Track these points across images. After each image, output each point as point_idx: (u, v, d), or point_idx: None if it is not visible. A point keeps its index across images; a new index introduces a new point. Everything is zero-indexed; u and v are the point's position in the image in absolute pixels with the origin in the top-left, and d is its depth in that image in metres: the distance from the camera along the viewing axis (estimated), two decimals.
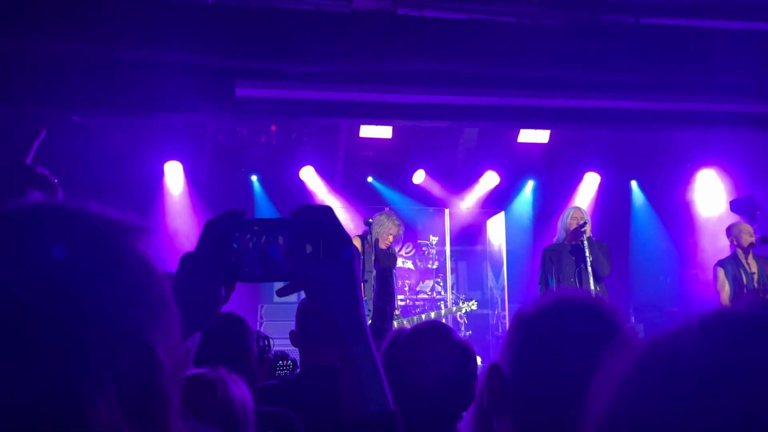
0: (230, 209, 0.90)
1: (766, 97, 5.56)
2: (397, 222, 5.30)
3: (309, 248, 0.85)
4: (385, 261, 3.20)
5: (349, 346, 0.83)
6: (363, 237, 5.02)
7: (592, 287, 5.12)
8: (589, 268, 5.14)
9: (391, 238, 5.11)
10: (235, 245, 0.86)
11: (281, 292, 0.91)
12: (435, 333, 1.76)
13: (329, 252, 0.85)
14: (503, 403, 1.00)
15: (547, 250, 5.55)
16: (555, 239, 5.62)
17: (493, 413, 1.01)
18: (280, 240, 0.86)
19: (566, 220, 5.46)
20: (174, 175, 7.86)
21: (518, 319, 1.03)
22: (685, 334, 0.49)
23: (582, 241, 5.24)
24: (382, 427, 0.80)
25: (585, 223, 5.30)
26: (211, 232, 0.88)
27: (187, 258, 0.88)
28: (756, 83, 5.38)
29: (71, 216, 0.58)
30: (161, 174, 7.81)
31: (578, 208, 5.62)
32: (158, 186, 7.79)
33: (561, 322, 0.99)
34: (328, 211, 0.87)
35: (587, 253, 5.17)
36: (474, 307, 5.52)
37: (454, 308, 5.51)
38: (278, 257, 0.86)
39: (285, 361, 3.27)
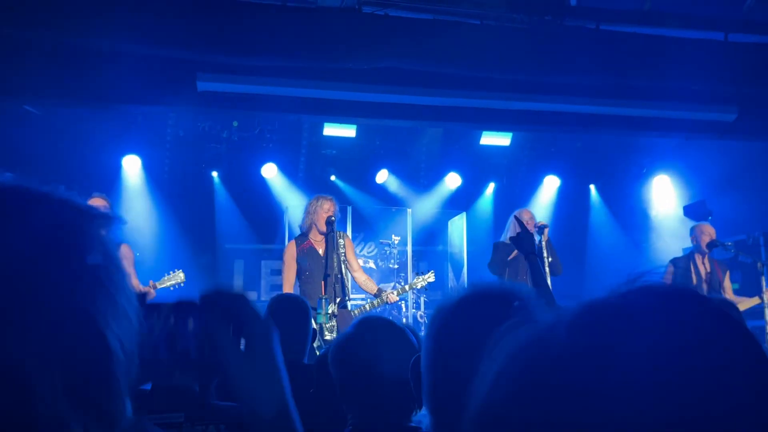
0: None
1: (718, 105, 5.75)
2: (326, 197, 5.18)
3: (228, 339, 0.83)
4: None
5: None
6: (327, 235, 4.98)
7: (548, 280, 5.19)
8: (546, 268, 5.24)
9: (325, 215, 4.98)
10: (169, 331, 0.84)
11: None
12: (385, 328, 1.75)
13: (248, 338, 0.83)
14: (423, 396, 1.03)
15: (501, 245, 5.62)
16: (503, 238, 5.70)
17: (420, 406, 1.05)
18: (202, 327, 0.84)
19: (516, 222, 5.57)
20: (132, 169, 7.68)
21: (431, 316, 1.06)
22: (558, 324, 0.48)
23: (540, 243, 5.33)
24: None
25: (546, 226, 5.38)
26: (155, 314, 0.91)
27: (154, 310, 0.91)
28: (710, 91, 5.55)
29: (36, 199, 0.58)
30: (119, 168, 7.63)
31: (527, 210, 5.73)
32: (116, 180, 7.60)
33: (461, 314, 1.01)
34: (241, 299, 0.85)
35: (545, 254, 5.26)
36: (431, 279, 5.49)
37: (407, 286, 5.50)
38: (206, 345, 0.84)
39: None
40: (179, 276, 5.43)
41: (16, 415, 0.49)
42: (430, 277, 5.36)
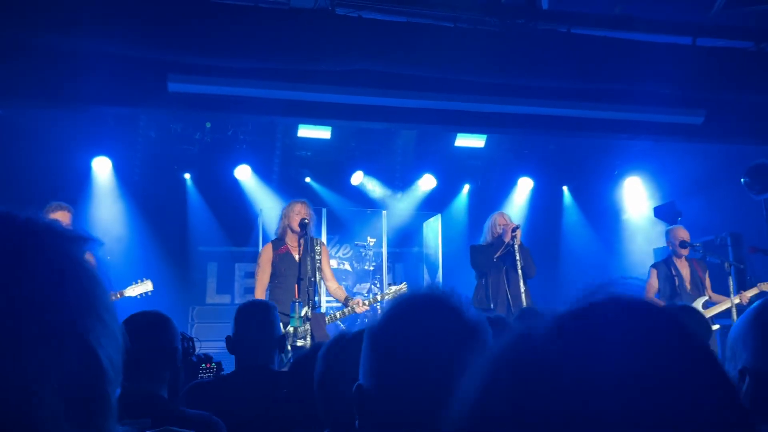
0: None
1: (687, 108, 5.85)
2: (298, 200, 5.19)
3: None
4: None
5: None
6: (300, 238, 4.95)
7: (522, 288, 5.27)
8: (519, 271, 5.29)
9: (297, 218, 4.98)
10: None
11: None
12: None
13: None
14: (369, 419, 1.00)
15: (475, 249, 5.67)
16: (482, 240, 5.76)
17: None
18: None
19: (493, 225, 5.64)
20: (103, 171, 7.56)
21: (366, 333, 1.03)
22: (538, 334, 0.50)
23: (513, 246, 5.37)
24: None
25: (517, 227, 5.45)
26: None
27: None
28: (678, 95, 5.65)
29: (20, 226, 0.60)
30: (89, 169, 7.50)
31: (503, 213, 5.79)
32: (86, 182, 7.47)
33: (402, 326, 0.98)
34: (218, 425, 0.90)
35: (518, 257, 5.31)
36: (405, 289, 5.51)
37: (380, 295, 5.49)
38: None
39: (209, 364, 3.20)
40: (147, 285, 5.30)
41: None
42: (403, 287, 5.35)
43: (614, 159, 8.41)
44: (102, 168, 7.53)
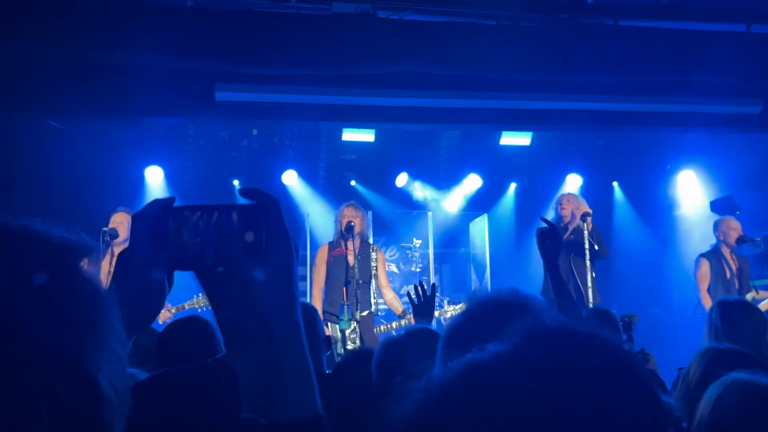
0: (157, 198, 0.85)
1: (742, 99, 5.63)
2: (346, 204, 5.26)
3: (250, 236, 0.81)
4: None
5: (282, 347, 0.79)
6: (346, 240, 4.99)
7: (590, 281, 5.01)
8: (588, 262, 5.01)
9: (345, 221, 5.06)
10: (177, 232, 0.81)
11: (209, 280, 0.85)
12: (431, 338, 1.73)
13: (271, 245, 0.81)
14: None
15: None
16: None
17: None
18: (224, 227, 0.81)
19: (558, 206, 5.46)
20: (155, 180, 7.77)
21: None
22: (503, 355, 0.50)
23: (582, 231, 5.10)
24: (311, 431, 0.78)
25: (588, 214, 5.17)
26: (143, 224, 0.83)
27: (125, 254, 0.83)
28: (733, 85, 5.44)
29: (12, 236, 0.55)
30: (142, 179, 7.73)
31: (570, 194, 5.58)
32: (139, 191, 7.70)
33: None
34: (276, 203, 0.84)
35: (587, 243, 5.02)
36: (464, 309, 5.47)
37: (438, 312, 5.46)
38: (224, 245, 0.80)
39: None
40: (202, 301, 5.31)
41: None
42: (462, 308, 5.30)
43: (667, 152, 8.15)
44: (154, 177, 7.75)
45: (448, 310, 5.36)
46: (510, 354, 0.49)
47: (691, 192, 8.29)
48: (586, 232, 5.04)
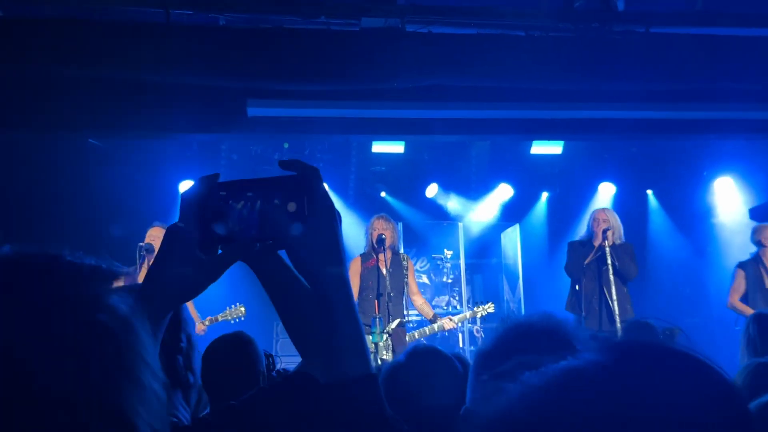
0: (203, 176, 0.88)
1: None
2: (377, 217, 5.29)
3: (293, 206, 0.83)
4: None
5: (332, 309, 0.81)
6: (377, 253, 5.01)
7: (613, 292, 4.98)
8: (611, 276, 5.00)
9: (376, 234, 5.09)
10: (226, 208, 0.83)
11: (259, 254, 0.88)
12: (432, 357, 1.74)
13: (314, 213, 0.84)
14: None
15: (572, 247, 5.47)
16: (582, 236, 5.55)
17: None
18: (267, 200, 0.84)
19: (591, 221, 5.43)
20: None
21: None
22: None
23: (604, 248, 5.10)
24: (363, 390, 0.79)
25: (608, 229, 5.17)
26: (190, 201, 0.85)
27: (172, 231, 0.85)
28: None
29: (40, 274, 0.53)
30: (176, 193, 7.88)
31: (602, 210, 5.54)
32: (174, 206, 7.86)
33: None
34: (315, 172, 0.86)
35: (608, 261, 5.04)
36: (491, 310, 5.46)
37: (469, 313, 5.45)
38: (269, 217, 0.83)
39: None
40: (240, 310, 5.50)
41: None
42: (490, 307, 5.31)
43: (703, 159, 7.99)
44: None
45: (478, 311, 5.35)
46: (611, 365, 0.50)
47: (728, 199, 8.10)
48: (607, 249, 5.02)
